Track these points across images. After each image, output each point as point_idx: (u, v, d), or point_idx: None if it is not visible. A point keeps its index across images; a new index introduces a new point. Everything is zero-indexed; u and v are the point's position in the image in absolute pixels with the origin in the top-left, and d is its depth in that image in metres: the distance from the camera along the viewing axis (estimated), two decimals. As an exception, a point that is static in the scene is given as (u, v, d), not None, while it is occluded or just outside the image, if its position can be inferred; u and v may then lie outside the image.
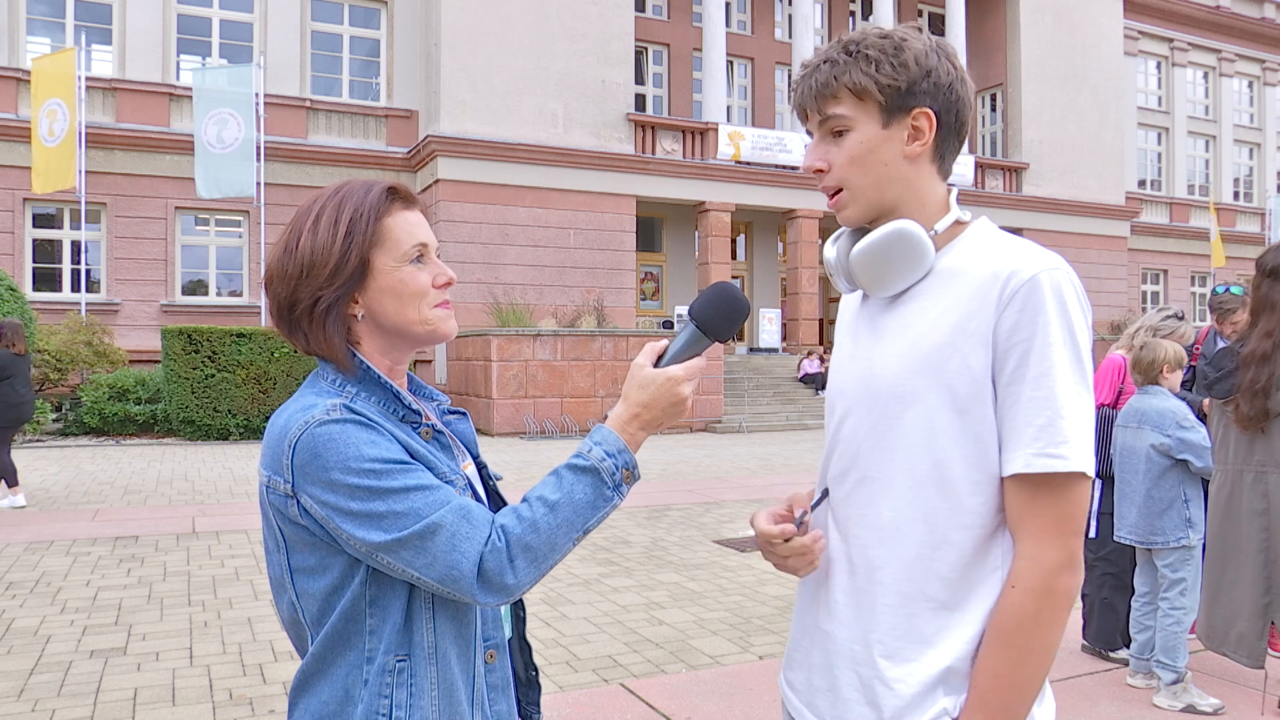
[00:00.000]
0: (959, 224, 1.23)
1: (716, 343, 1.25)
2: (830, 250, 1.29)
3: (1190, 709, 3.65)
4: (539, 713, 1.38)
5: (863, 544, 1.20)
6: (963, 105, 1.21)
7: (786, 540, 1.23)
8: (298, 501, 1.12)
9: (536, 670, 1.38)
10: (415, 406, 1.22)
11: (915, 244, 1.18)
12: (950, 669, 1.13)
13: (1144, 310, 27.25)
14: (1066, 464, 1.08)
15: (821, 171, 1.23)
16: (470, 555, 1.09)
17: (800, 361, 20.79)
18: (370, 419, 1.13)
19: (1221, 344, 4.44)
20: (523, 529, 1.12)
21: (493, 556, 1.10)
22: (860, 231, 1.26)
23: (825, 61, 1.21)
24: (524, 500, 1.15)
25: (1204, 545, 3.67)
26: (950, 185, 1.25)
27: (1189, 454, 3.71)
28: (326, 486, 1.09)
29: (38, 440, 14.21)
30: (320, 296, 1.18)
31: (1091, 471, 1.11)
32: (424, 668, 1.15)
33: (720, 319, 1.24)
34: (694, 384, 1.22)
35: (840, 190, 1.23)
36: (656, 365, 1.23)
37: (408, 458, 1.14)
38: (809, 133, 1.26)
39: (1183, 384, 4.39)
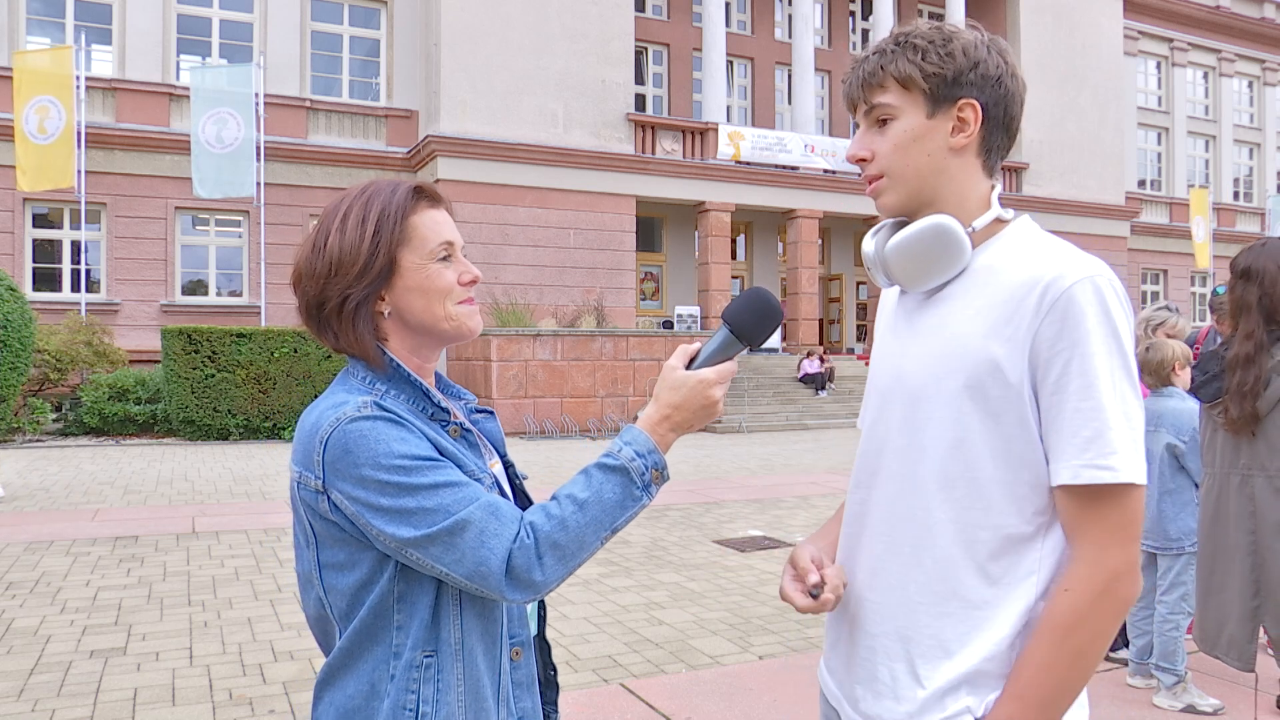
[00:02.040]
0: (999, 222, 1.21)
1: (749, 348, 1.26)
2: (869, 244, 1.27)
3: (1190, 709, 3.65)
4: (556, 712, 1.38)
5: (896, 542, 1.20)
6: (1012, 100, 1.19)
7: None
8: (328, 497, 1.13)
9: (555, 670, 1.38)
10: (444, 405, 1.23)
11: (952, 240, 1.16)
12: (978, 670, 1.13)
13: (1142, 309, 27.24)
14: (1115, 475, 1.07)
15: (865, 160, 1.22)
16: (499, 552, 1.10)
17: (800, 361, 20.78)
18: (400, 416, 1.15)
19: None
20: (551, 526, 1.12)
21: (521, 553, 1.11)
22: (900, 226, 1.25)
23: (875, 52, 1.20)
24: (553, 498, 1.16)
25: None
26: (994, 184, 1.23)
27: (1191, 462, 3.72)
28: (357, 482, 1.11)
29: (37, 440, 14.21)
30: (349, 295, 1.19)
31: (1144, 480, 1.09)
32: (450, 663, 1.16)
33: (755, 323, 1.24)
34: (725, 387, 1.22)
35: (881, 177, 1.21)
36: (689, 368, 1.24)
37: (437, 455, 1.15)
38: (857, 125, 1.25)
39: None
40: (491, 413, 1.41)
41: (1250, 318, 3.05)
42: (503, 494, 1.27)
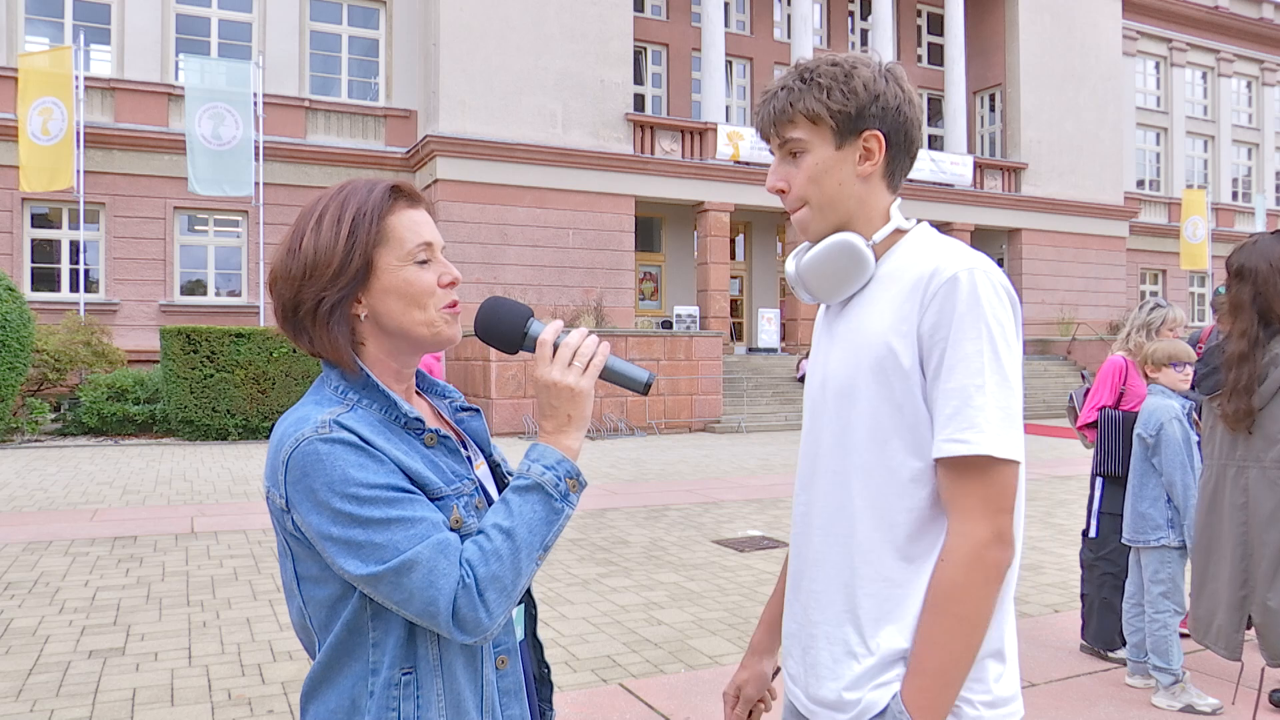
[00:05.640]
0: (899, 231, 1.32)
1: (538, 338, 1.23)
2: (791, 265, 1.39)
3: (1189, 709, 3.65)
4: (551, 710, 1.38)
5: (831, 534, 1.30)
6: (911, 125, 1.31)
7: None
8: (291, 517, 1.12)
9: (548, 668, 1.38)
10: (416, 414, 1.20)
11: (855, 254, 1.28)
12: (909, 648, 1.22)
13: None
14: (971, 447, 1.16)
15: (783, 191, 1.33)
16: (447, 592, 1.08)
17: (799, 361, 20.79)
18: (363, 439, 1.11)
19: None
20: (487, 562, 1.10)
21: (464, 596, 1.08)
22: (813, 247, 1.37)
23: (783, 88, 1.31)
24: (480, 531, 1.13)
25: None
26: (894, 198, 1.35)
27: (1157, 457, 3.76)
28: (312, 507, 1.09)
29: (36, 440, 14.20)
30: (324, 297, 1.16)
31: (1005, 455, 1.16)
32: (430, 680, 1.14)
33: (496, 330, 1.24)
34: (561, 365, 1.19)
35: (802, 207, 1.32)
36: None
37: (398, 483, 1.11)
38: (771, 153, 1.35)
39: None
40: (478, 411, 1.39)
41: (1244, 315, 3.09)
42: (487, 496, 1.25)
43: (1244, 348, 3.08)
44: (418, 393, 1.33)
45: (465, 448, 1.31)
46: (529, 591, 1.33)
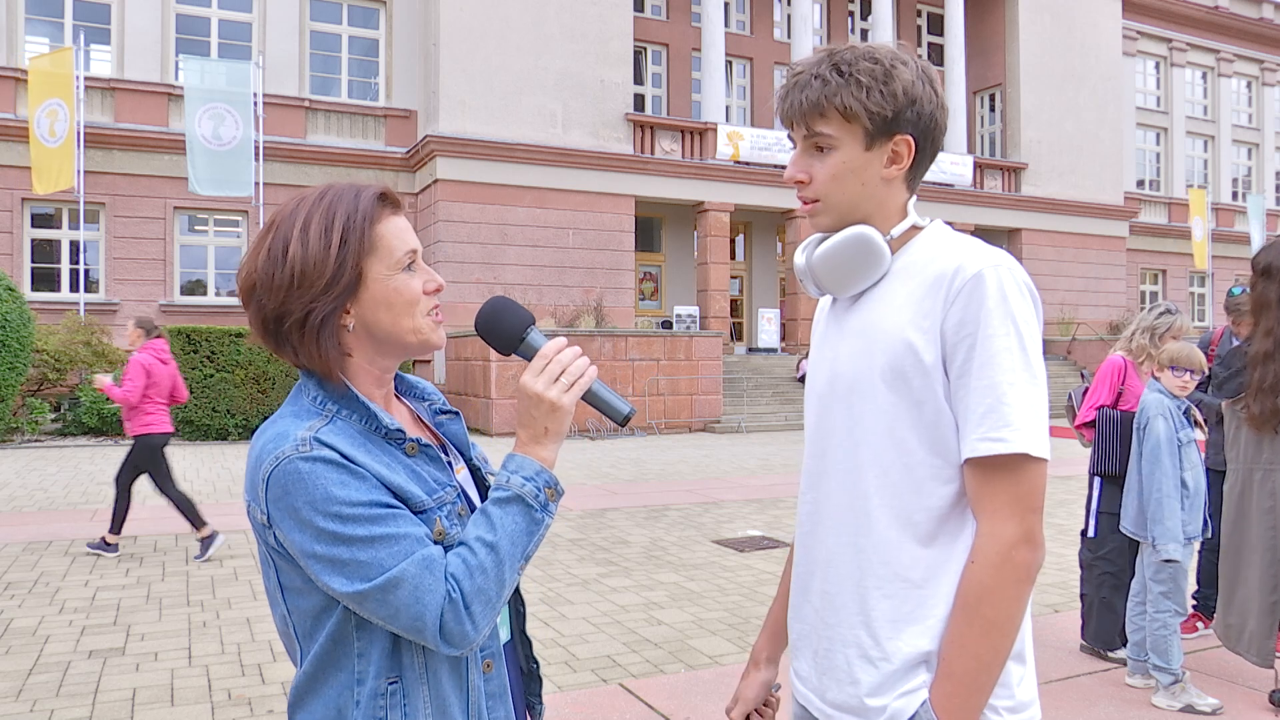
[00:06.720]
0: (915, 228, 1.30)
1: (533, 342, 1.24)
2: (800, 258, 1.35)
3: (1189, 709, 3.65)
4: (540, 703, 1.38)
5: (844, 534, 1.27)
6: (939, 131, 1.29)
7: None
8: (273, 533, 1.12)
9: (537, 663, 1.38)
10: (397, 425, 1.18)
11: (871, 247, 1.25)
12: (930, 649, 1.19)
13: (1141, 309, 27.21)
14: (1009, 446, 1.14)
15: (802, 183, 1.29)
16: (433, 608, 1.08)
17: (799, 361, 20.79)
18: (343, 455, 1.10)
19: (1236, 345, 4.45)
20: (472, 576, 1.11)
21: (450, 610, 1.09)
22: (826, 239, 1.33)
23: (816, 78, 1.25)
24: (462, 544, 1.13)
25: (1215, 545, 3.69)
26: (911, 196, 1.32)
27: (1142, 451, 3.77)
28: (295, 526, 1.08)
29: (36, 440, 14.20)
30: (313, 309, 1.13)
31: (1039, 453, 1.15)
32: (416, 688, 1.15)
33: (498, 329, 1.24)
34: (546, 377, 1.19)
35: (818, 200, 1.29)
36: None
37: (381, 499, 1.11)
38: (791, 139, 1.31)
39: (1199, 386, 4.39)
40: (457, 414, 1.38)
41: (1271, 315, 3.07)
42: (470, 502, 1.25)
43: (1269, 347, 3.05)
44: (396, 396, 1.31)
45: (446, 453, 1.30)
46: (517, 589, 1.33)
